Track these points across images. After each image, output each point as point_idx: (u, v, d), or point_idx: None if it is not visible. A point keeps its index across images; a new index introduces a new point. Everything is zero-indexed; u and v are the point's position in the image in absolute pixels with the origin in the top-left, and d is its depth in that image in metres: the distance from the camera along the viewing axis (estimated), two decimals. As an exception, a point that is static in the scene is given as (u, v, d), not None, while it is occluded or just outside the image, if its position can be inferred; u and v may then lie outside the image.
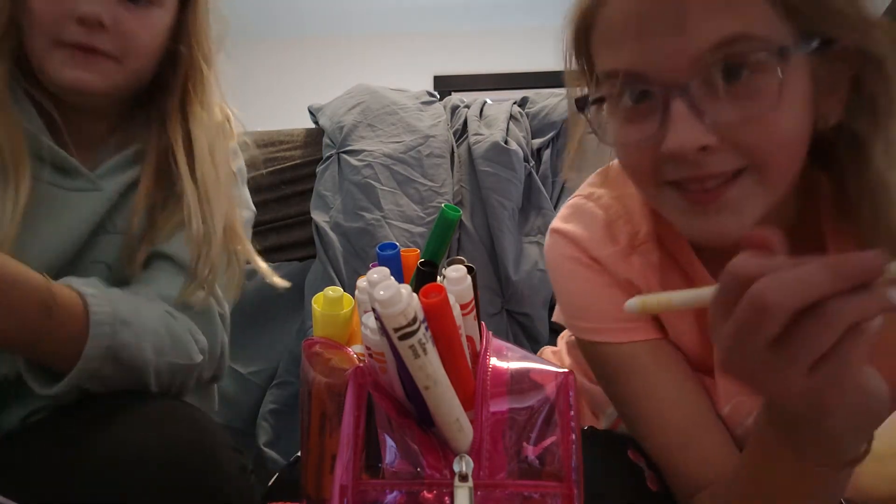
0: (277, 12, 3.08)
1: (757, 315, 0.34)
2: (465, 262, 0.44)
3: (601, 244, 0.59)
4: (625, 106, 0.49)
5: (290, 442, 1.15)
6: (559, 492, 0.38)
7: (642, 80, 0.47)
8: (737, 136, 0.45)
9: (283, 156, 1.34)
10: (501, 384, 0.42)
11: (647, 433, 0.58)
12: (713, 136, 0.45)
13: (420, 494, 0.38)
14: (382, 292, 0.33)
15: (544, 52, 3.18)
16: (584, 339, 0.61)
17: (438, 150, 1.30)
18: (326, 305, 0.50)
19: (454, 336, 0.39)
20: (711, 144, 0.45)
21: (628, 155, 0.51)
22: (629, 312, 0.40)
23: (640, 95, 0.48)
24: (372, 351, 0.40)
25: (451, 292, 0.40)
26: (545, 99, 1.40)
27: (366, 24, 3.18)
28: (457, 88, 3.08)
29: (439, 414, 0.38)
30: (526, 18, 3.16)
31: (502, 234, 1.22)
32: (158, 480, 0.52)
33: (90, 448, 0.53)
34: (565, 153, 0.62)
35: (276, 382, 1.20)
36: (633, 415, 0.59)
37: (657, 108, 0.46)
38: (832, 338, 0.33)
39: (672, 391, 0.58)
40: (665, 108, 0.46)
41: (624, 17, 0.47)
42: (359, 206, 1.23)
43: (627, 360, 0.58)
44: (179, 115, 0.73)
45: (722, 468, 0.53)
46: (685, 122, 0.45)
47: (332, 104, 1.40)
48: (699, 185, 0.47)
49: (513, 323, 1.22)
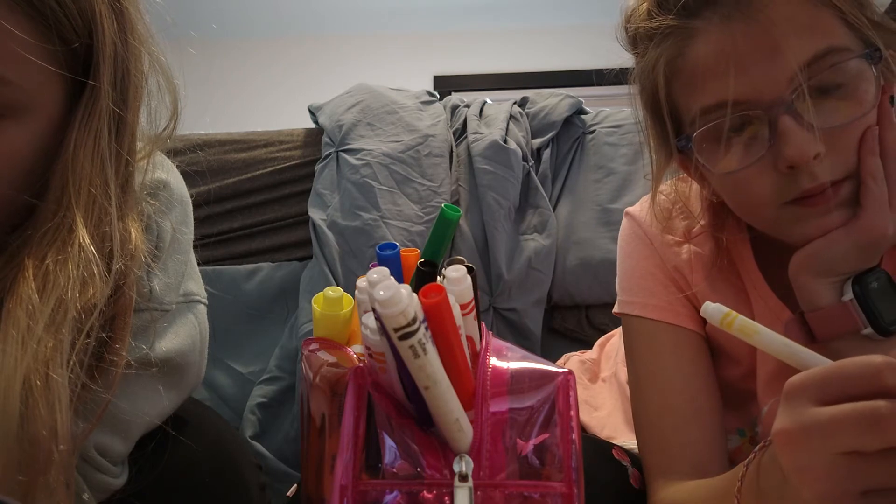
0: (277, 12, 3.08)
1: (867, 428, 0.32)
2: (465, 262, 0.44)
3: (658, 230, 0.66)
4: (728, 136, 0.52)
5: (276, 435, 1.16)
6: (559, 492, 0.38)
7: (747, 105, 0.51)
8: (839, 140, 0.50)
9: (283, 155, 1.34)
10: (501, 384, 0.42)
11: (646, 408, 0.62)
12: (822, 143, 0.48)
13: (420, 494, 0.38)
14: (382, 292, 0.33)
15: (544, 52, 3.19)
16: (623, 312, 0.67)
17: (437, 149, 1.30)
18: (326, 305, 0.50)
19: (454, 336, 0.39)
20: (822, 151, 0.49)
21: (746, 181, 0.53)
22: (703, 314, 0.42)
23: (741, 124, 0.52)
24: (372, 351, 0.40)
25: (451, 292, 0.40)
26: (545, 99, 1.40)
27: (366, 24, 3.18)
28: (457, 88, 3.08)
29: (439, 414, 0.38)
30: (526, 18, 3.16)
31: (497, 232, 1.21)
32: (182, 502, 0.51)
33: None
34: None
35: (265, 377, 1.20)
36: (639, 388, 0.63)
37: (762, 130, 0.51)
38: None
39: (679, 379, 0.60)
40: (773, 127, 0.50)
41: (716, 54, 0.51)
42: (356, 205, 1.23)
43: (648, 336, 0.63)
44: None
45: (705, 464, 0.56)
46: (796, 133, 0.48)
47: (332, 103, 1.40)
48: (820, 194, 0.50)
49: (498, 319, 1.22)
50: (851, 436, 0.33)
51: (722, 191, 0.57)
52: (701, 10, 0.52)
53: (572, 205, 1.29)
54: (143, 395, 0.51)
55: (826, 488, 0.34)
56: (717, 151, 0.53)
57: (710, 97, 0.52)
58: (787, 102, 0.49)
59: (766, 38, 0.49)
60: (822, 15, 0.50)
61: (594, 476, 0.55)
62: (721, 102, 0.51)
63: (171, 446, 0.54)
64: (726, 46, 0.50)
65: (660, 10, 0.54)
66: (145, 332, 0.52)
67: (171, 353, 0.54)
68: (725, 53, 0.50)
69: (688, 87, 0.54)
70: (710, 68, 0.51)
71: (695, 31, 0.52)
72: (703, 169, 0.56)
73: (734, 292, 0.62)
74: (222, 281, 1.25)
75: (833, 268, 0.51)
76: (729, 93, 0.50)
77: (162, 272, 0.54)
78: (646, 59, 0.57)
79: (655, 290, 0.64)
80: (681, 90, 0.55)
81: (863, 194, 0.50)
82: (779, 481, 0.40)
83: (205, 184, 1.29)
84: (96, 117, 0.45)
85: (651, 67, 0.56)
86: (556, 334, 1.26)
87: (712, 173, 0.55)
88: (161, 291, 0.54)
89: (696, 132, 0.53)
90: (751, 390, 0.62)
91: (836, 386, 0.35)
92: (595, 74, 0.71)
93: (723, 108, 0.51)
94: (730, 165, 0.53)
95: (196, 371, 0.58)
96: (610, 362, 0.93)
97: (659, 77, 0.55)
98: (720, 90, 0.51)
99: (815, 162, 0.49)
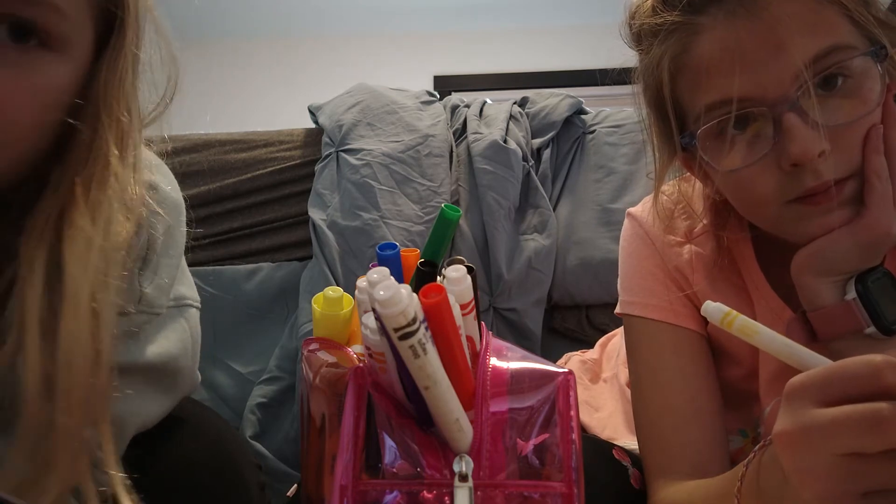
0: (277, 12, 3.08)
1: (868, 429, 0.32)
2: (465, 262, 0.44)
3: (660, 231, 0.66)
4: (732, 134, 0.52)
5: (276, 435, 1.16)
6: (559, 492, 0.38)
7: (751, 103, 0.51)
8: (843, 138, 0.49)
9: (283, 156, 1.34)
10: (501, 384, 0.42)
11: (647, 407, 0.62)
12: (827, 141, 0.48)
13: (420, 494, 0.38)
14: (382, 292, 0.33)
15: (544, 52, 3.19)
16: (624, 312, 0.67)
17: (437, 149, 1.30)
18: (326, 305, 0.50)
19: (454, 336, 0.39)
20: (826, 149, 0.48)
21: (750, 179, 0.53)
22: (703, 314, 0.41)
23: (745, 121, 0.52)
24: (372, 351, 0.40)
25: (451, 292, 0.40)
26: (545, 99, 1.40)
27: (366, 24, 3.18)
28: (457, 88, 3.07)
29: (439, 414, 0.38)
30: (526, 18, 3.16)
31: (497, 232, 1.21)
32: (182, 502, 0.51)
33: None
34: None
35: (265, 377, 1.20)
36: (640, 387, 0.63)
37: (766, 127, 0.51)
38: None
39: (679, 379, 0.60)
40: (777, 124, 0.50)
41: (721, 51, 0.51)
42: (356, 205, 1.23)
43: (649, 337, 0.63)
44: (52, 231, 0.44)
45: (705, 464, 0.56)
46: (801, 130, 0.48)
47: (332, 103, 1.40)
48: (823, 192, 0.50)
49: (498, 319, 1.22)
50: (853, 437, 0.33)
51: (725, 189, 0.57)
52: (706, 7, 0.52)
53: (572, 205, 1.29)
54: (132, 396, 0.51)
55: (827, 489, 0.34)
56: (721, 148, 0.53)
57: (714, 94, 0.52)
58: (791, 100, 0.49)
59: (772, 36, 0.49)
60: (828, 12, 0.49)
61: (594, 476, 0.55)
62: (726, 99, 0.51)
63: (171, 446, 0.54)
64: (731, 43, 0.50)
65: (665, 7, 0.54)
66: (136, 335, 0.52)
67: (162, 357, 0.53)
68: (730, 50, 0.50)
69: (692, 83, 0.54)
70: (714, 65, 0.51)
71: (700, 27, 0.52)
72: (707, 166, 0.56)
73: (735, 292, 0.62)
74: (222, 281, 1.25)
75: (836, 267, 0.51)
76: (734, 90, 0.50)
77: (154, 276, 0.54)
78: (650, 56, 0.57)
79: (657, 290, 0.64)
80: (685, 87, 0.55)
81: (867, 193, 0.50)
82: (779, 481, 0.40)
83: (205, 184, 1.29)
84: (122, 59, 0.47)
85: (655, 64, 0.56)
86: (556, 334, 1.26)
87: (716, 171, 0.55)
88: (152, 295, 0.53)
89: (701, 129, 0.53)
90: (752, 391, 0.62)
91: (836, 386, 0.34)
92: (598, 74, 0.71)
93: (727, 104, 0.51)
94: (734, 163, 0.53)
95: (188, 375, 0.58)
96: (611, 363, 0.93)
97: (663, 74, 0.55)
98: (725, 87, 0.51)
99: (820, 160, 0.49)
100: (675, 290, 0.63)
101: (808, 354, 0.37)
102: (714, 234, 0.62)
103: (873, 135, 0.50)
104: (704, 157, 0.54)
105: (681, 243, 0.64)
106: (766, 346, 0.39)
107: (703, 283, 0.62)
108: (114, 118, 0.47)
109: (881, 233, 0.49)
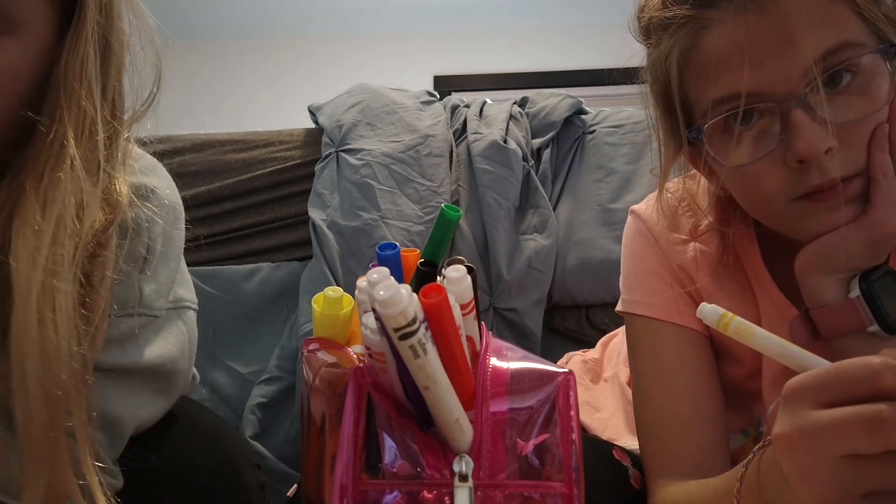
0: (277, 12, 3.08)
1: (868, 431, 0.32)
2: (465, 262, 0.44)
3: (663, 229, 0.65)
4: (739, 129, 0.52)
5: (276, 435, 1.16)
6: (559, 492, 0.38)
7: (759, 98, 0.50)
8: (851, 136, 0.49)
9: (283, 155, 1.34)
10: (501, 384, 0.42)
11: (648, 407, 0.62)
12: (834, 138, 0.48)
13: (420, 494, 0.38)
14: (382, 292, 0.33)
15: (544, 52, 3.19)
16: (626, 311, 0.66)
17: (437, 149, 1.30)
18: (326, 305, 0.50)
19: (454, 336, 0.39)
20: (834, 146, 0.48)
21: (756, 175, 0.53)
22: (699, 316, 0.41)
23: (752, 116, 0.51)
24: (372, 351, 0.40)
25: (451, 292, 0.40)
26: (545, 99, 1.40)
27: (366, 24, 3.18)
28: (457, 88, 3.08)
29: (439, 414, 0.38)
30: (526, 18, 3.16)
31: (497, 232, 1.21)
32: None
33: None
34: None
35: (265, 377, 1.20)
36: (641, 387, 0.63)
37: (774, 123, 0.50)
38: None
39: (681, 379, 0.60)
40: (785, 120, 0.49)
41: (730, 46, 0.51)
42: (356, 205, 1.23)
43: (651, 336, 0.63)
44: (4, 223, 0.43)
45: (706, 464, 0.55)
46: (809, 126, 0.48)
47: (332, 103, 1.40)
48: (829, 189, 0.50)
49: (498, 319, 1.22)
50: (852, 439, 0.33)
51: (731, 185, 0.56)
52: (717, 1, 0.51)
53: (572, 205, 1.29)
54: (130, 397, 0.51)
55: (827, 491, 0.34)
56: (727, 144, 0.53)
57: (722, 89, 0.52)
58: (799, 96, 0.49)
59: (781, 31, 0.49)
60: (838, 9, 0.49)
61: (594, 476, 0.55)
62: (734, 94, 0.51)
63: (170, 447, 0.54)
64: (740, 38, 0.50)
65: (675, 1, 0.54)
66: (134, 338, 0.52)
67: (160, 359, 0.53)
68: (739, 45, 0.50)
69: (701, 77, 0.54)
70: (723, 60, 0.51)
71: (709, 21, 0.52)
72: (713, 162, 0.55)
73: (740, 290, 0.61)
74: (222, 281, 1.25)
75: (840, 264, 0.51)
76: (742, 85, 0.50)
77: (152, 278, 0.54)
78: (659, 50, 0.56)
79: (659, 289, 0.64)
80: (693, 81, 0.55)
81: (872, 191, 0.50)
82: (779, 482, 0.40)
83: (204, 184, 1.29)
84: (83, 41, 0.45)
85: (664, 58, 0.56)
86: (557, 334, 1.26)
87: (722, 166, 0.54)
88: (150, 297, 0.53)
89: (708, 123, 0.53)
90: (754, 390, 0.62)
91: (835, 388, 0.34)
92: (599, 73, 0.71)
93: (735, 99, 0.51)
94: (740, 158, 0.53)
95: (185, 376, 0.58)
96: (612, 362, 0.93)
97: (672, 67, 0.55)
98: (733, 82, 0.50)
99: (826, 157, 0.49)
100: (679, 289, 0.62)
101: (805, 356, 0.37)
102: (719, 231, 0.62)
103: (879, 133, 0.50)
104: (711, 152, 0.54)
105: (685, 241, 0.64)
106: (763, 347, 0.39)
107: (708, 281, 0.61)
108: (74, 103, 0.45)
109: (886, 231, 0.49)
